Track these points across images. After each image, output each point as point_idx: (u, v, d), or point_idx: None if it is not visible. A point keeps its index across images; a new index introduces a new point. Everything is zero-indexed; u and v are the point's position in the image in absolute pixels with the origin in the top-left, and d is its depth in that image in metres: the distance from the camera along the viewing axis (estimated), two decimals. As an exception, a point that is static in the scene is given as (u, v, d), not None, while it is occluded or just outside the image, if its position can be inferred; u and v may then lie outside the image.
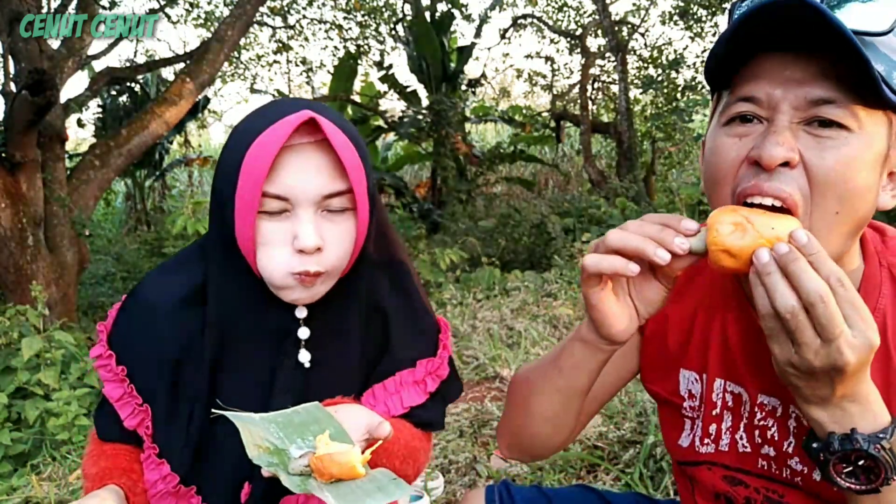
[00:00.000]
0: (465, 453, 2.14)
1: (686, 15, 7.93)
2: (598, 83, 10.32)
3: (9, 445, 2.55)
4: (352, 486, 0.75)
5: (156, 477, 0.92)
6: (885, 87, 0.62)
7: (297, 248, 0.81)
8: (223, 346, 0.91)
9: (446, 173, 9.51)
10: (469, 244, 6.72)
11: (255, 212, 0.80)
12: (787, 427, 0.78)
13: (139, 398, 0.92)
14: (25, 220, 4.43)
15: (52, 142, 4.80)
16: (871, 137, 0.65)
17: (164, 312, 0.92)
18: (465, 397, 2.67)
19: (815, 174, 0.65)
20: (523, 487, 1.09)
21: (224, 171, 0.83)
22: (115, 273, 7.44)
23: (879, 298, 0.72)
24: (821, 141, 0.65)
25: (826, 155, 0.64)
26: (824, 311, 0.58)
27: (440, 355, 1.00)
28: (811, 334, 0.60)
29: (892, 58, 0.64)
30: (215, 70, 5.41)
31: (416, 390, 0.97)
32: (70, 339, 2.98)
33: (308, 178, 0.80)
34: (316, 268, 0.82)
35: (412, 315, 0.99)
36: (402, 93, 10.40)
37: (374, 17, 9.21)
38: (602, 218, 6.50)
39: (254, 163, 0.79)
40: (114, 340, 0.95)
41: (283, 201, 0.81)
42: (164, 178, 12.26)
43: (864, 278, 0.74)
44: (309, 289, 0.85)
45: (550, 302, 4.20)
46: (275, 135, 0.78)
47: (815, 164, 0.65)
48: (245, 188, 0.80)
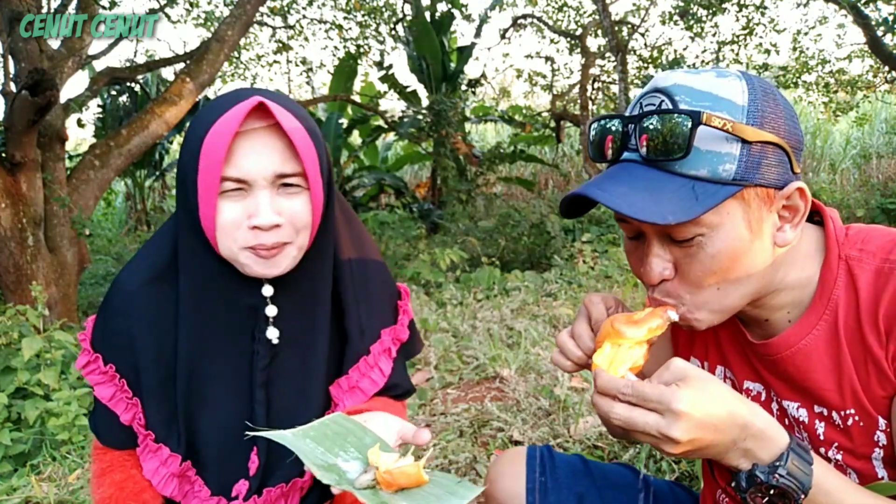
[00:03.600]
0: (465, 453, 2.13)
1: (686, 15, 7.93)
2: (598, 83, 10.32)
3: (9, 445, 2.55)
4: (423, 493, 0.79)
5: (156, 464, 0.94)
6: (713, 184, 0.71)
7: (252, 225, 0.86)
8: (200, 321, 0.94)
9: (446, 173, 9.51)
10: (469, 244, 6.72)
11: (216, 195, 0.85)
12: (772, 410, 0.87)
13: (129, 392, 0.95)
14: (25, 220, 4.43)
15: (52, 142, 4.80)
16: (726, 228, 0.73)
17: (135, 296, 0.94)
18: (465, 397, 2.67)
19: (689, 279, 0.76)
20: (566, 455, 1.14)
21: (185, 158, 0.87)
22: (116, 273, 7.44)
23: (834, 290, 0.78)
24: (686, 251, 0.75)
25: (692, 262, 0.75)
26: (621, 418, 0.69)
27: (400, 321, 1.08)
28: (640, 436, 0.69)
29: (714, 149, 0.71)
30: (215, 70, 5.41)
31: (386, 357, 1.05)
32: (70, 339, 2.98)
33: (262, 159, 0.85)
34: (274, 238, 0.87)
35: (372, 288, 1.05)
36: (402, 93, 10.40)
37: (374, 17, 9.20)
38: (602, 218, 6.50)
39: (211, 149, 0.83)
40: (96, 342, 0.97)
41: (241, 183, 0.85)
42: (164, 178, 12.27)
43: (822, 270, 0.80)
44: (268, 262, 0.88)
45: (550, 302, 4.20)
46: (228, 121, 0.83)
47: (686, 271, 0.76)
48: (205, 174, 0.84)
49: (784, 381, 0.83)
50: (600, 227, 6.34)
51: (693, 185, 0.71)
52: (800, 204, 0.76)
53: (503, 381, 2.80)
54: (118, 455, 1.00)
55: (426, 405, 2.61)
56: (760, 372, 0.87)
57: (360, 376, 1.02)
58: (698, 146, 0.71)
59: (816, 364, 0.79)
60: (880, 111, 12.47)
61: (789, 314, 0.82)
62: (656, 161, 0.73)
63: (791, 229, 0.77)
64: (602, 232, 6.14)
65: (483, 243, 6.90)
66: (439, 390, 2.78)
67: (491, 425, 2.34)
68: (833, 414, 0.79)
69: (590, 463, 1.13)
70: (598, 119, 0.80)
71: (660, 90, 0.75)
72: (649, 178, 0.72)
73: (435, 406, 2.59)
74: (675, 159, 0.71)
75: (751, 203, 0.73)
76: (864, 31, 6.38)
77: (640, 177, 0.73)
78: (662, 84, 0.75)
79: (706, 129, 0.70)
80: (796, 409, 0.83)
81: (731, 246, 0.73)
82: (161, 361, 0.94)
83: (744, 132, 0.70)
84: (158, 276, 0.95)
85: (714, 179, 0.71)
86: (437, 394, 2.73)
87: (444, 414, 2.49)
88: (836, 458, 0.80)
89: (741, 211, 0.73)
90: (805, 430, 0.82)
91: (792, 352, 0.80)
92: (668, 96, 0.74)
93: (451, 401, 2.62)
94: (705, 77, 0.74)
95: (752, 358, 0.88)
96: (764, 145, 0.72)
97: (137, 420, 0.95)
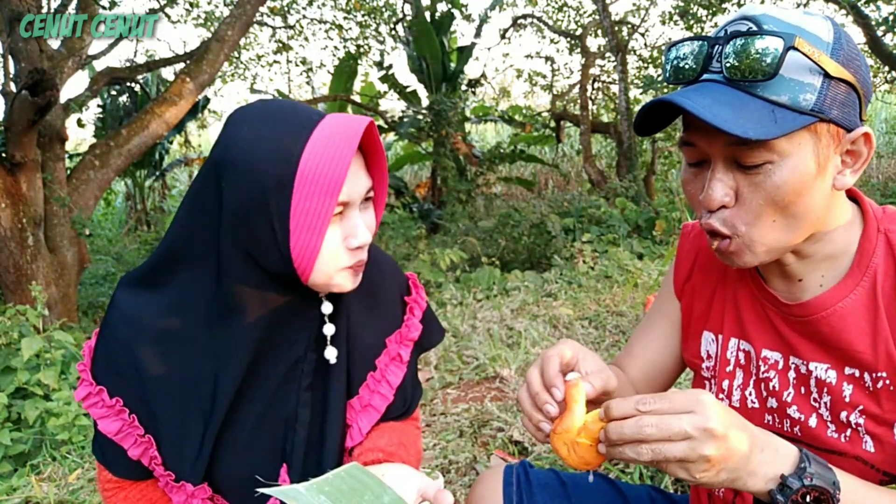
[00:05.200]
0: (465, 453, 2.13)
1: (686, 15, 7.93)
2: (598, 83, 10.33)
3: (9, 445, 2.55)
4: None
5: (183, 497, 0.88)
6: (791, 112, 0.71)
7: (354, 247, 0.83)
8: (256, 353, 0.87)
9: (446, 173, 9.50)
10: (469, 244, 6.72)
11: (328, 223, 0.79)
12: (788, 378, 0.87)
13: (140, 429, 0.87)
14: (25, 220, 4.43)
15: (52, 142, 4.80)
16: (796, 159, 0.73)
17: (144, 326, 0.86)
18: (465, 397, 2.67)
19: (749, 208, 0.76)
20: (541, 470, 1.12)
21: (259, 188, 0.77)
22: (115, 273, 7.46)
23: (873, 258, 0.81)
24: (751, 178, 0.75)
25: (757, 190, 0.75)
26: (655, 426, 0.67)
27: (406, 322, 1.03)
28: (675, 450, 0.67)
29: (797, 78, 0.72)
30: (215, 70, 5.41)
31: (394, 366, 1.01)
32: (70, 339, 2.98)
33: (358, 180, 0.83)
34: (365, 255, 0.86)
35: (379, 291, 1.02)
36: (402, 93, 10.40)
37: (374, 17, 9.20)
38: (602, 218, 6.50)
39: (321, 174, 0.76)
40: (99, 374, 0.88)
41: (343, 206, 0.82)
42: (164, 178, 12.27)
43: (861, 239, 0.82)
44: (357, 276, 0.88)
45: (550, 302, 4.20)
46: (341, 144, 0.77)
47: (749, 198, 0.76)
48: (310, 201, 0.77)
49: (815, 342, 0.84)
50: (600, 227, 6.33)
51: (773, 109, 0.72)
52: (864, 150, 0.77)
53: (503, 381, 2.80)
54: (145, 489, 0.93)
55: (426, 405, 2.61)
56: (785, 335, 0.87)
57: (370, 394, 0.97)
58: (783, 73, 0.72)
59: (852, 326, 0.80)
60: (880, 111, 12.48)
61: (823, 278, 0.83)
62: (739, 82, 0.73)
63: (851, 174, 0.78)
64: (602, 232, 6.14)
65: (483, 243, 6.90)
66: (439, 390, 2.78)
67: (491, 425, 2.34)
68: (865, 375, 0.80)
69: (563, 475, 1.11)
70: (680, 41, 0.80)
71: (748, 18, 0.75)
72: (732, 96, 0.73)
73: (435, 406, 2.59)
74: (760, 80, 0.72)
75: (822, 138, 0.74)
76: (864, 30, 6.37)
77: (722, 93, 0.73)
78: (751, 13, 0.75)
79: (793, 56, 0.71)
80: (825, 371, 0.83)
81: (797, 178, 0.74)
82: (186, 394, 0.86)
83: (828, 65, 0.71)
84: (180, 305, 0.86)
85: (793, 107, 0.72)
86: (437, 394, 2.73)
87: (444, 414, 2.49)
88: (857, 421, 0.81)
89: (812, 144, 0.74)
90: (830, 392, 0.83)
91: (828, 313, 0.82)
92: (755, 23, 0.74)
93: (451, 401, 2.62)
94: (793, 12, 0.75)
95: (776, 322, 0.88)
96: (842, 83, 0.73)
97: (153, 459, 0.87)
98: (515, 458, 2.11)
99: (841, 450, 0.82)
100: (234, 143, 0.79)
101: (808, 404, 0.85)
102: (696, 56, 0.77)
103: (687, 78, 0.78)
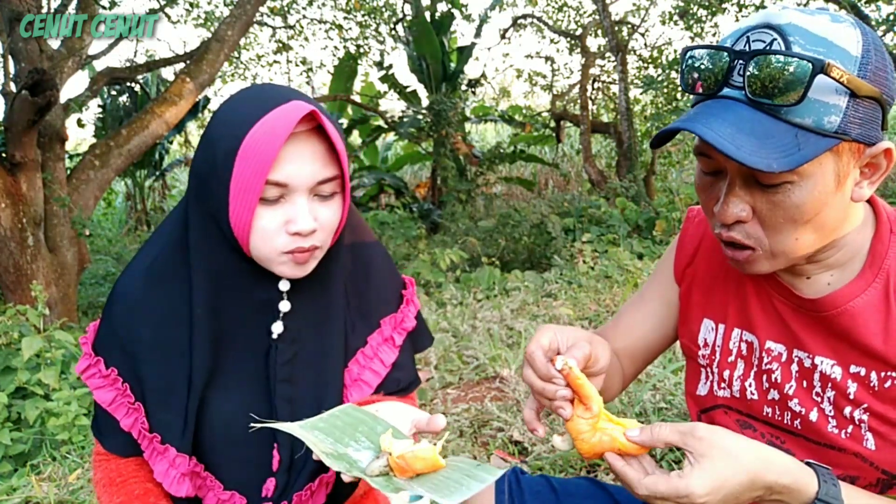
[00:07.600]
0: (464, 453, 2.14)
1: (686, 15, 7.93)
2: (598, 83, 10.32)
3: (9, 445, 2.55)
4: (440, 478, 0.76)
5: (165, 465, 0.92)
6: (815, 135, 0.70)
7: (292, 232, 0.85)
8: (216, 317, 0.92)
9: (446, 173, 9.51)
10: (469, 244, 6.72)
11: (257, 198, 0.82)
12: (791, 371, 0.87)
13: (131, 396, 0.93)
14: (25, 220, 4.43)
15: (52, 142, 4.80)
16: (816, 179, 0.72)
17: (137, 298, 0.93)
18: (465, 397, 2.67)
19: (767, 224, 0.76)
20: (532, 477, 1.12)
21: (213, 155, 0.84)
22: (115, 273, 7.46)
23: (885, 259, 0.81)
24: (769, 196, 0.74)
25: (775, 209, 0.74)
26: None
27: (402, 310, 1.06)
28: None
29: (823, 99, 0.69)
30: (215, 70, 5.41)
31: (388, 347, 1.03)
32: (70, 339, 2.98)
33: (305, 165, 0.84)
34: (310, 242, 0.86)
35: (374, 279, 1.04)
36: (402, 93, 10.41)
37: (374, 17, 9.20)
38: (602, 218, 6.50)
39: (257, 150, 0.80)
40: (98, 346, 0.96)
41: (282, 188, 0.83)
42: (164, 178, 12.28)
43: (873, 240, 0.82)
44: (301, 265, 0.89)
45: (550, 302, 4.20)
46: (279, 124, 0.80)
47: (766, 216, 0.75)
48: (245, 175, 0.81)
49: (823, 337, 0.84)
50: (600, 227, 6.33)
51: (796, 133, 0.70)
52: (883, 163, 0.76)
53: (503, 381, 2.80)
54: (126, 464, 0.98)
55: (426, 405, 2.61)
56: (792, 328, 0.87)
57: (360, 368, 1.00)
58: (810, 95, 0.69)
59: (862, 325, 0.80)
60: (880, 111, 12.45)
61: (832, 276, 0.83)
62: (763, 104, 0.70)
63: (869, 186, 0.77)
64: (602, 232, 6.14)
65: (483, 243, 6.90)
66: (439, 390, 2.78)
67: (491, 425, 2.34)
68: (871, 374, 0.80)
69: (553, 481, 1.11)
70: (697, 47, 0.77)
71: (773, 27, 0.71)
72: (755, 121, 0.71)
73: (435, 406, 2.59)
74: (787, 105, 0.69)
75: (843, 156, 0.73)
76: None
77: (746, 118, 0.71)
78: (776, 21, 0.71)
79: (822, 79, 0.68)
80: (830, 367, 0.83)
81: (817, 198, 0.73)
82: (169, 361, 0.92)
83: (857, 86, 0.69)
84: (161, 276, 0.94)
85: (816, 130, 0.70)
86: (437, 394, 2.73)
87: (444, 414, 2.49)
88: (861, 418, 0.81)
89: (833, 163, 0.72)
90: (834, 388, 0.83)
91: (839, 311, 0.81)
92: (781, 35, 0.70)
93: (451, 401, 2.62)
94: (820, 20, 0.71)
95: (784, 314, 0.87)
96: (867, 100, 0.71)
97: (141, 425, 0.93)
98: (515, 458, 2.11)
99: (841, 445, 0.82)
100: (213, 116, 0.88)
101: (809, 398, 0.85)
102: (716, 68, 0.74)
103: (706, 91, 0.75)
